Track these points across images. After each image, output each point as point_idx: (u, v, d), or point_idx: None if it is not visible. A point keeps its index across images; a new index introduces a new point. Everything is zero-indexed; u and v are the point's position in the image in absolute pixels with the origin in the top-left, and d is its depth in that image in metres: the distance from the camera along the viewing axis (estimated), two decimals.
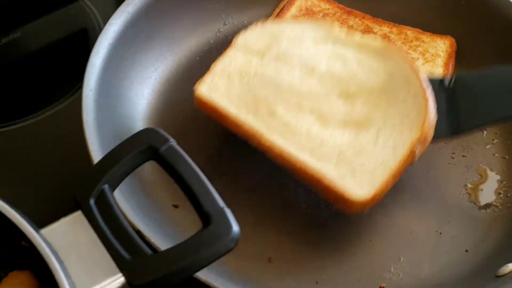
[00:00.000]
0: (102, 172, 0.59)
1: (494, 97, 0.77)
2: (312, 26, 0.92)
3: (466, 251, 0.86)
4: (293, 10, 1.06)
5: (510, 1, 1.04)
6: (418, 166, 0.93)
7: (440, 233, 0.87)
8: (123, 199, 0.73)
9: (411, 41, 1.05)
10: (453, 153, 0.96)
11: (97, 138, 0.80)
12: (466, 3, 1.06)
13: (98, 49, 0.89)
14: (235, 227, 0.58)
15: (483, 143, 0.98)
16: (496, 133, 0.99)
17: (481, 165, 0.95)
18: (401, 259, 0.84)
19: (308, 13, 1.07)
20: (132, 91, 0.94)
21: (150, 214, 0.79)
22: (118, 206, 0.59)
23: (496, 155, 0.96)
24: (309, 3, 1.08)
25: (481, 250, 0.85)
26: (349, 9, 1.09)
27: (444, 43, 1.05)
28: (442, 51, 1.04)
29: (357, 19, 1.08)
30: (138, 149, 0.61)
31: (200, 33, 1.05)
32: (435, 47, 1.04)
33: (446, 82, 0.81)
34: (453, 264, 0.84)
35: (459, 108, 0.80)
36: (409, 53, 1.03)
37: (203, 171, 0.60)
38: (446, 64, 1.02)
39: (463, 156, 0.96)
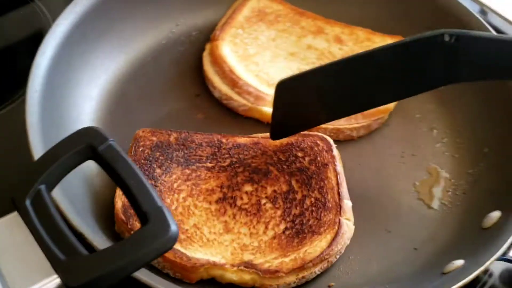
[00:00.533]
0: (38, 172, 0.59)
1: (493, 58, 0.79)
2: None
3: (415, 249, 0.86)
4: (245, 11, 1.06)
5: (459, 0, 1.05)
6: (367, 165, 0.94)
7: (390, 232, 0.88)
8: (64, 199, 0.72)
9: (362, 41, 1.06)
10: (403, 152, 0.97)
11: (41, 140, 0.79)
12: (416, 3, 1.07)
13: (44, 49, 0.88)
14: (173, 226, 0.57)
15: (433, 141, 0.99)
16: (446, 131, 1.00)
17: (430, 163, 0.96)
18: (350, 257, 0.84)
19: (261, 14, 1.07)
20: (80, 92, 0.93)
21: (94, 215, 0.78)
22: (54, 206, 0.59)
23: (446, 153, 0.97)
24: (262, 4, 1.08)
25: (429, 248, 0.86)
26: (301, 10, 1.09)
27: None
28: None
29: (309, 20, 1.08)
30: (76, 148, 0.60)
31: (152, 33, 1.05)
32: None
33: (446, 38, 0.79)
34: (401, 262, 0.85)
35: (459, 60, 0.80)
36: None
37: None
38: None
39: (413, 155, 0.97)
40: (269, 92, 0.97)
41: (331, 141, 0.90)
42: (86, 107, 0.93)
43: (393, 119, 1.00)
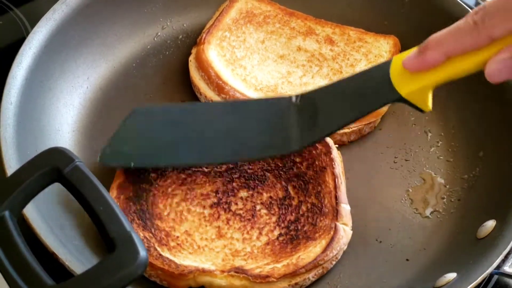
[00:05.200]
0: (1, 199, 0.56)
1: (332, 108, 0.78)
2: None
3: (407, 260, 0.83)
4: (232, 13, 1.03)
5: None
6: (358, 172, 0.91)
7: (380, 242, 0.85)
8: (38, 216, 0.70)
9: (354, 42, 1.02)
10: (395, 157, 0.94)
11: (17, 155, 0.76)
12: (410, 1, 1.04)
13: (20, 59, 0.85)
14: (142, 252, 0.55)
15: (427, 145, 0.95)
16: (441, 134, 0.96)
17: (424, 169, 0.93)
18: (339, 268, 0.82)
19: (249, 16, 1.04)
20: (60, 102, 0.90)
21: (71, 233, 0.76)
22: (19, 233, 0.56)
23: (441, 158, 0.94)
24: (250, 5, 1.05)
25: (421, 259, 0.83)
26: (291, 10, 1.06)
27: (387, 43, 1.02)
28: (386, 52, 1.01)
29: (299, 21, 1.05)
30: (40, 171, 0.58)
31: (137, 39, 1.02)
32: (379, 47, 1.02)
33: (294, 99, 0.81)
34: (392, 273, 0.82)
35: (304, 122, 0.80)
36: (352, 54, 1.01)
37: None
38: None
39: (406, 160, 0.93)
40: (257, 97, 0.94)
41: (331, 143, 0.87)
42: (68, 117, 0.91)
43: (386, 123, 0.97)
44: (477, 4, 1.17)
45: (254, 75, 0.98)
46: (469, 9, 1.00)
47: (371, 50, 1.01)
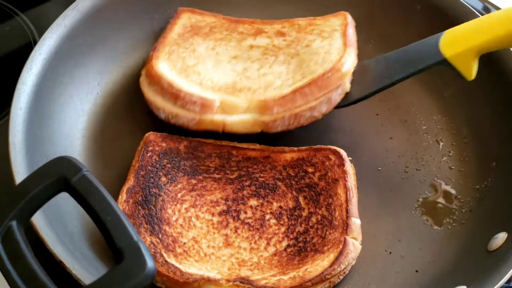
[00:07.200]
0: (8, 209, 0.56)
1: (383, 71, 0.89)
2: None
3: (416, 271, 0.82)
4: (176, 29, 0.98)
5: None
6: (368, 181, 0.90)
7: (390, 253, 0.84)
8: (45, 224, 0.70)
9: (305, 28, 0.99)
10: (406, 167, 0.93)
11: (25, 160, 0.76)
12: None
13: (30, 65, 0.85)
14: (150, 263, 0.54)
15: (439, 155, 0.94)
16: (453, 144, 0.95)
17: (435, 179, 0.92)
18: (348, 280, 0.81)
19: (194, 29, 0.99)
20: (70, 107, 0.90)
21: (79, 241, 0.76)
22: (26, 244, 0.56)
23: (453, 167, 0.93)
24: (193, 20, 1.01)
25: (432, 271, 0.82)
26: (236, 18, 1.02)
27: (338, 19, 0.98)
28: (338, 25, 0.97)
29: (246, 25, 1.01)
30: (47, 181, 0.57)
31: (149, 44, 1.01)
32: (330, 25, 0.98)
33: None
34: (401, 285, 0.81)
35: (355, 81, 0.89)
36: (306, 38, 0.96)
37: None
38: (344, 35, 0.94)
39: (417, 170, 0.92)
40: (215, 97, 0.88)
41: (345, 155, 0.87)
42: (77, 123, 0.91)
43: (397, 131, 0.96)
44: (484, 8, 1.16)
45: (210, 78, 0.93)
46: (474, 10, 0.99)
47: (324, 29, 0.97)
